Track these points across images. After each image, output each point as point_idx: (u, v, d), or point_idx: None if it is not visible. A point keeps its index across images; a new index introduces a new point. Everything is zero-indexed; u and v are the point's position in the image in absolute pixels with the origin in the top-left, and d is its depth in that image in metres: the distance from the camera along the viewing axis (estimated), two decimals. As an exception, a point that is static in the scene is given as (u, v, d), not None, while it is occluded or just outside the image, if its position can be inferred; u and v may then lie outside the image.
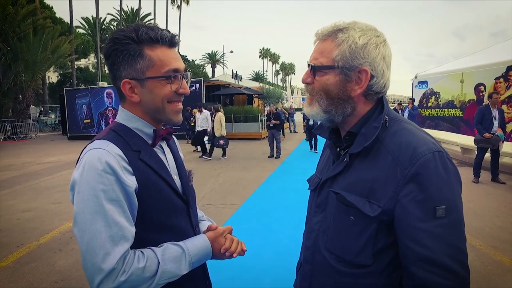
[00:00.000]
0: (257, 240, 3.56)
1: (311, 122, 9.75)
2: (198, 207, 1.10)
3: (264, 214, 4.44)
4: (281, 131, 9.79)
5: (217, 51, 51.59)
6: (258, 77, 56.11)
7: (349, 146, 0.84)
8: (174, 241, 0.85)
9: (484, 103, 6.52)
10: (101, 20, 33.00)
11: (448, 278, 0.68)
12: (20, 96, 18.65)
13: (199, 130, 9.39)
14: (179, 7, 41.27)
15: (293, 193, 5.40)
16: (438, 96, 10.03)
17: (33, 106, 21.54)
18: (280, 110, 10.20)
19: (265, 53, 71.78)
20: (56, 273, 2.95)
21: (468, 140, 7.34)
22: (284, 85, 67.08)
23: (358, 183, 0.78)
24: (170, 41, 0.86)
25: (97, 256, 0.71)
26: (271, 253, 3.26)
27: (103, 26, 34.52)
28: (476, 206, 4.51)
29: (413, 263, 0.71)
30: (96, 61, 30.92)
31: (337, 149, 0.91)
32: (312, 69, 0.83)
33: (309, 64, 0.84)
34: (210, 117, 9.41)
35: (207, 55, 52.27)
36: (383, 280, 0.77)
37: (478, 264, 2.93)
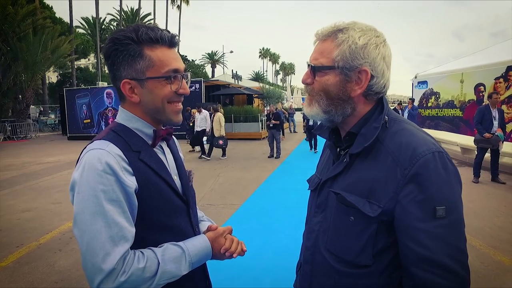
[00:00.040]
0: (257, 240, 3.56)
1: (311, 122, 9.75)
2: (198, 207, 1.10)
3: (264, 214, 4.44)
4: (281, 131, 9.78)
5: (217, 51, 51.68)
6: (258, 77, 56.10)
7: (349, 147, 0.84)
8: (174, 242, 0.85)
9: (484, 103, 6.52)
10: (101, 20, 33.02)
11: (448, 278, 0.68)
12: (20, 96, 18.66)
13: (198, 130, 9.39)
14: (179, 7, 41.28)
15: (293, 193, 5.40)
16: (438, 96, 10.03)
17: (33, 106, 21.53)
18: (279, 110, 10.18)
19: (265, 53, 71.76)
20: (56, 273, 2.95)
21: (468, 140, 7.34)
22: (284, 85, 67.15)
23: (358, 184, 0.78)
24: (170, 41, 0.86)
25: (97, 256, 0.71)
26: (271, 253, 3.26)
27: (103, 26, 34.52)
28: (476, 206, 4.51)
29: (413, 264, 0.71)
30: (96, 61, 30.93)
31: (337, 150, 0.91)
32: (312, 69, 0.82)
33: (309, 65, 0.83)
34: (209, 117, 9.42)
35: (207, 55, 52.27)
36: (383, 281, 0.77)
37: (478, 264, 2.93)
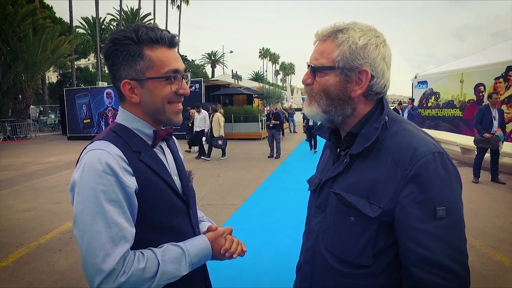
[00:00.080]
0: (257, 240, 3.56)
1: (311, 123, 9.75)
2: (198, 207, 1.10)
3: (264, 214, 4.44)
4: (281, 131, 9.78)
5: (217, 51, 51.64)
6: (258, 77, 56.07)
7: (349, 147, 0.84)
8: (174, 242, 0.85)
9: (484, 103, 6.52)
10: (101, 20, 33.02)
11: (448, 278, 0.68)
12: (20, 96, 18.65)
13: (197, 130, 9.38)
14: (179, 7, 41.27)
15: (293, 193, 5.40)
16: (438, 96, 10.03)
17: (33, 106, 21.52)
18: (279, 110, 10.18)
19: (265, 53, 71.73)
20: (56, 273, 2.95)
21: (468, 140, 7.34)
22: (284, 85, 67.15)
23: (359, 184, 0.78)
24: (170, 41, 0.86)
25: (97, 257, 0.71)
26: (271, 253, 3.25)
27: (103, 26, 34.52)
28: (476, 206, 4.51)
29: (413, 264, 0.70)
30: (96, 61, 30.93)
31: (337, 150, 0.90)
32: (312, 69, 0.82)
33: (309, 65, 0.83)
34: (208, 118, 9.41)
35: (207, 55, 52.25)
36: (383, 281, 0.77)
37: (478, 265, 2.93)
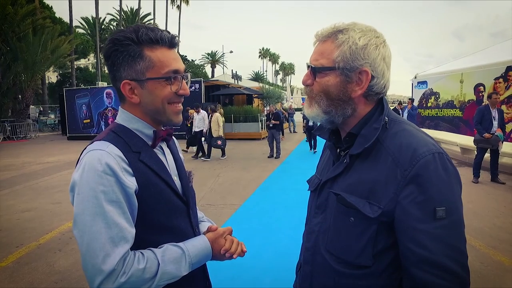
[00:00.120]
0: (257, 240, 3.56)
1: (311, 123, 9.74)
2: (198, 207, 1.10)
3: (264, 214, 4.44)
4: (281, 131, 9.78)
5: (216, 51, 51.60)
6: (257, 77, 56.06)
7: (349, 147, 0.84)
8: (174, 242, 0.85)
9: (483, 103, 6.52)
10: (101, 20, 33.00)
11: (448, 279, 0.68)
12: (20, 96, 18.64)
13: (196, 130, 9.37)
14: (178, 7, 41.27)
15: (293, 193, 5.40)
16: (437, 96, 10.03)
17: (33, 106, 21.53)
18: (279, 110, 10.17)
19: (265, 53, 71.71)
20: (56, 273, 2.95)
21: (468, 140, 7.34)
22: (284, 85, 67.12)
23: (358, 184, 0.78)
24: (170, 42, 0.86)
25: (97, 257, 0.71)
26: (271, 253, 3.26)
27: (103, 26, 34.50)
28: (476, 206, 4.51)
29: (413, 265, 0.71)
30: (95, 61, 30.92)
31: (337, 150, 0.90)
32: (312, 70, 0.82)
33: (309, 66, 0.83)
34: (207, 118, 9.39)
35: (207, 55, 52.24)
36: (383, 281, 0.77)
37: (477, 265, 2.93)
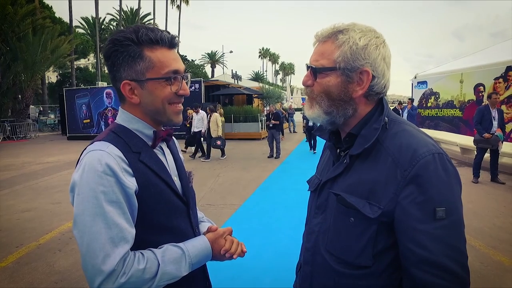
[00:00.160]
0: (257, 240, 3.56)
1: (311, 123, 9.74)
2: (198, 207, 1.10)
3: (264, 214, 4.44)
4: (281, 131, 9.77)
5: (216, 51, 51.61)
6: (257, 77, 56.05)
7: (349, 148, 0.84)
8: (174, 243, 0.85)
9: (483, 103, 6.52)
10: (101, 20, 32.99)
11: (448, 279, 0.68)
12: (20, 96, 18.64)
13: (195, 131, 9.35)
14: (178, 7, 41.25)
15: (293, 193, 5.40)
16: (437, 96, 10.03)
17: (33, 106, 21.53)
18: (279, 110, 10.17)
19: (265, 53, 71.68)
20: (56, 273, 2.95)
21: (468, 140, 7.34)
22: (284, 85, 67.11)
23: (358, 185, 0.78)
24: (170, 42, 0.86)
25: (97, 257, 0.71)
26: (271, 253, 3.26)
27: (103, 26, 34.49)
28: (476, 206, 4.52)
29: (413, 265, 0.71)
30: (95, 61, 30.91)
31: (337, 151, 0.90)
32: (312, 71, 0.82)
33: (310, 66, 0.83)
34: (206, 118, 9.38)
35: (207, 55, 52.24)
36: (383, 281, 0.77)
37: (477, 265, 2.93)
